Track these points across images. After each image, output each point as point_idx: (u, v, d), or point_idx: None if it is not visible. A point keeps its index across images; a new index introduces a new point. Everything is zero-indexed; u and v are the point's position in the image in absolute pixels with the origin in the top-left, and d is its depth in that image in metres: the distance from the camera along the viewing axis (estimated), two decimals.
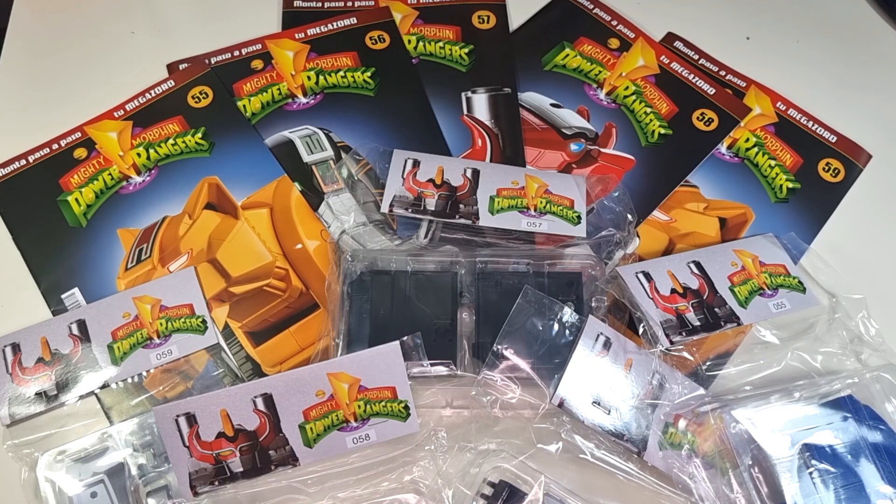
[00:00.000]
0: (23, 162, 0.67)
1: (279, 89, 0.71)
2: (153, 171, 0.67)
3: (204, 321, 0.59)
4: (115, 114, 0.69)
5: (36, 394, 0.56)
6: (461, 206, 0.61)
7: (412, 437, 0.54)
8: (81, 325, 0.58)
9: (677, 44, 0.77)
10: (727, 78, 0.75)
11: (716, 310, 0.58)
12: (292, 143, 0.68)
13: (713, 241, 0.65)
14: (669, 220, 0.67)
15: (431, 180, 0.62)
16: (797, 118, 0.73)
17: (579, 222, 0.62)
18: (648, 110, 0.72)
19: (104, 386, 0.56)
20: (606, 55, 0.75)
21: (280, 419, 0.52)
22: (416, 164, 0.63)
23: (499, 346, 0.55)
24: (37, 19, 0.77)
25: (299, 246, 0.63)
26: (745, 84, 0.75)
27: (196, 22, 0.78)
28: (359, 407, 0.53)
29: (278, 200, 0.65)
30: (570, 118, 0.71)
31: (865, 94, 0.76)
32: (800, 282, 0.61)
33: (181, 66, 0.72)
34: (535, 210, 0.62)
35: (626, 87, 0.73)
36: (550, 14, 0.79)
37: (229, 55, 0.73)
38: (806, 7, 0.82)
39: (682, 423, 0.54)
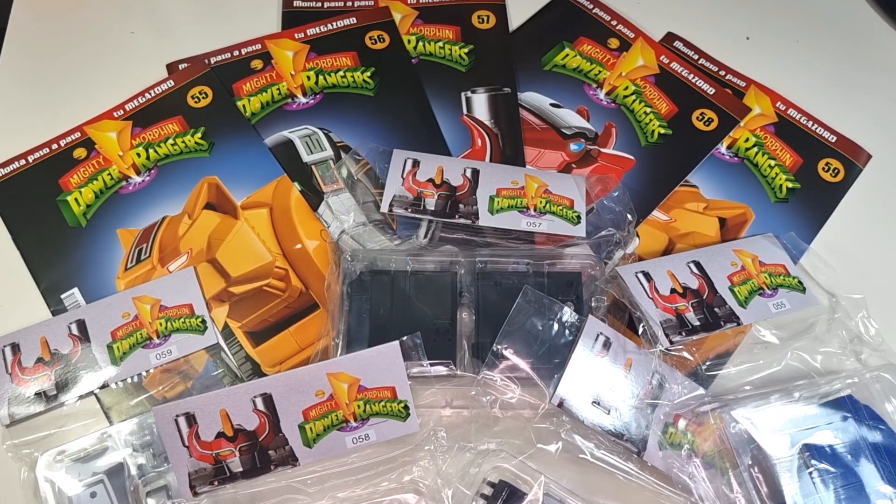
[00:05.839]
0: (22, 162, 0.67)
1: (279, 89, 0.71)
2: (153, 171, 0.67)
3: (203, 321, 0.59)
4: (115, 114, 0.69)
5: (35, 394, 0.56)
6: (461, 205, 0.61)
7: (412, 437, 0.54)
8: (81, 325, 0.58)
9: (677, 44, 0.77)
10: (727, 78, 0.75)
11: (715, 310, 0.58)
12: (292, 143, 0.68)
13: (713, 241, 0.65)
14: (669, 220, 0.67)
15: (431, 180, 0.62)
16: (797, 118, 0.73)
17: (579, 222, 0.62)
18: (648, 110, 0.72)
19: (104, 386, 0.56)
20: (606, 55, 0.75)
21: (280, 419, 0.52)
22: (416, 163, 0.63)
23: (498, 346, 0.55)
24: (36, 19, 0.77)
25: (299, 246, 0.63)
26: (744, 84, 0.75)
27: (196, 22, 0.77)
28: (358, 407, 0.53)
29: (278, 200, 0.65)
30: (570, 118, 0.71)
31: (865, 95, 0.76)
32: (799, 282, 0.61)
33: (181, 66, 0.72)
34: (535, 210, 0.62)
35: (626, 87, 0.73)
36: (550, 14, 0.79)
37: (229, 55, 0.73)
38: (806, 7, 0.82)
39: (681, 423, 0.54)
